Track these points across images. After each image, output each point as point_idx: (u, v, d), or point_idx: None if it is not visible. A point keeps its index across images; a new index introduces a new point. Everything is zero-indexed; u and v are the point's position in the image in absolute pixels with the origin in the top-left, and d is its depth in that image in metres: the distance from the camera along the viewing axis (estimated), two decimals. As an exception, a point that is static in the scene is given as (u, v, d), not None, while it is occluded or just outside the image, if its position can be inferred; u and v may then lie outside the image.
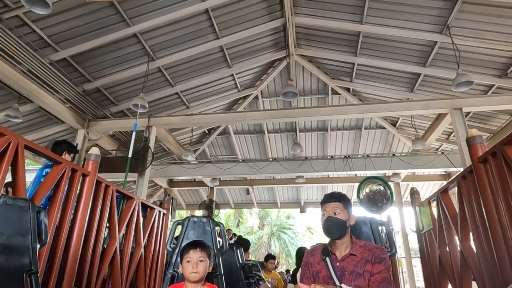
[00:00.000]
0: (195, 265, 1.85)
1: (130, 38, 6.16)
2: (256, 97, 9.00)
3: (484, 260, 2.34)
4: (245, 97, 8.95)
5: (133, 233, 3.39)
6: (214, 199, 11.70)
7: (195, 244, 1.95)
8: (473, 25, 5.71)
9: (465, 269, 2.66)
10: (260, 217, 25.37)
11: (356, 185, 9.75)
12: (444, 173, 10.46)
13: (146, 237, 3.69)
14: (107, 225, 3.06)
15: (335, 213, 1.87)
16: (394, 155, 8.71)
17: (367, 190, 6.21)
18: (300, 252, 4.94)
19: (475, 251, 2.51)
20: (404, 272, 10.43)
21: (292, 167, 9.01)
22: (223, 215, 21.78)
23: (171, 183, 11.89)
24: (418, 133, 8.31)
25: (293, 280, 4.66)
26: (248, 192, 12.06)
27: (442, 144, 9.45)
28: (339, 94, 8.64)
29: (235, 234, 10.78)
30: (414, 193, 3.99)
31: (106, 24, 5.76)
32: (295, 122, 9.34)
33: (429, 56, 6.56)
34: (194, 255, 1.88)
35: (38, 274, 1.75)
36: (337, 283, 1.74)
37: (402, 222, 10.57)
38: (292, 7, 6.54)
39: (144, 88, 6.79)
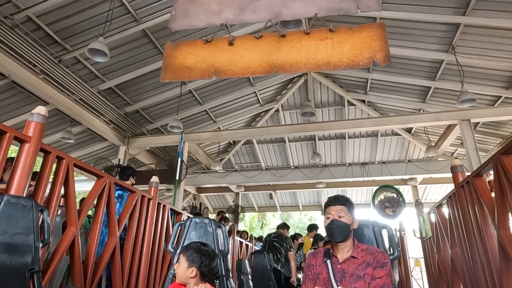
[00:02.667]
0: (176, 266, 1.94)
1: (165, 67, 6.99)
2: (277, 110, 9.70)
3: (465, 264, 2.96)
4: (266, 111, 9.68)
5: (182, 242, 4.18)
6: (240, 204, 12.48)
7: (185, 247, 2.00)
8: (476, 44, 6.19)
9: (455, 272, 3.27)
10: (283, 219, 26.02)
11: (374, 188, 10.30)
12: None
13: (192, 244, 4.48)
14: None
15: (339, 217, 1.89)
16: (409, 161, 9.19)
17: (381, 196, 6.78)
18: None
19: (460, 257, 3.12)
20: (424, 272, 10.83)
21: (313, 174, 9.65)
22: (247, 218, 22.58)
23: (199, 189, 12.75)
24: (431, 141, 8.77)
25: None
26: (271, 197, 12.77)
27: (457, 149, 9.84)
28: (355, 105, 9.22)
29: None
30: (418, 204, 4.59)
31: (145, 57, 6.62)
32: (314, 131, 10.01)
33: (438, 72, 7.06)
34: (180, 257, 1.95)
35: (41, 274, 1.74)
36: (335, 285, 1.80)
37: (420, 224, 10.97)
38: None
39: (178, 107, 7.63)
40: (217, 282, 2.48)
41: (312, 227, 6.88)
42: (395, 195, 6.59)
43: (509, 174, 2.12)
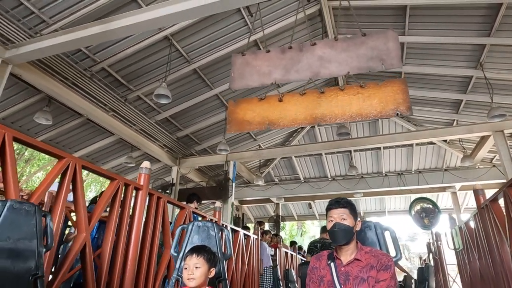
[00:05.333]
0: (190, 272, 1.86)
1: (212, 97, 7.86)
2: (313, 126, 10.28)
3: (490, 275, 3.43)
4: (303, 127, 10.29)
5: (240, 256, 4.92)
6: (280, 213, 13.12)
7: (192, 250, 1.96)
8: (505, 60, 6.47)
9: (482, 281, 3.72)
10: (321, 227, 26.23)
11: (412, 196, 10.53)
12: (502, 181, 10.75)
13: (247, 257, 5.20)
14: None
15: (342, 219, 1.89)
16: (446, 170, 9.39)
17: (418, 207, 7.12)
18: None
19: (485, 268, 3.58)
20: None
21: (350, 185, 10.10)
22: (287, 226, 23.13)
23: (242, 201, 13.54)
24: (466, 149, 8.95)
25: None
26: (310, 206, 13.29)
27: (495, 156, 9.86)
28: (388, 118, 9.59)
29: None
30: (451, 218, 5.01)
31: (195, 90, 7.53)
32: (350, 143, 10.47)
33: (468, 86, 7.34)
34: (190, 261, 1.89)
35: (44, 278, 1.74)
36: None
37: (462, 231, 11.02)
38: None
39: (224, 131, 8.46)
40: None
41: None
42: (431, 206, 6.92)
43: (514, 204, 2.64)
